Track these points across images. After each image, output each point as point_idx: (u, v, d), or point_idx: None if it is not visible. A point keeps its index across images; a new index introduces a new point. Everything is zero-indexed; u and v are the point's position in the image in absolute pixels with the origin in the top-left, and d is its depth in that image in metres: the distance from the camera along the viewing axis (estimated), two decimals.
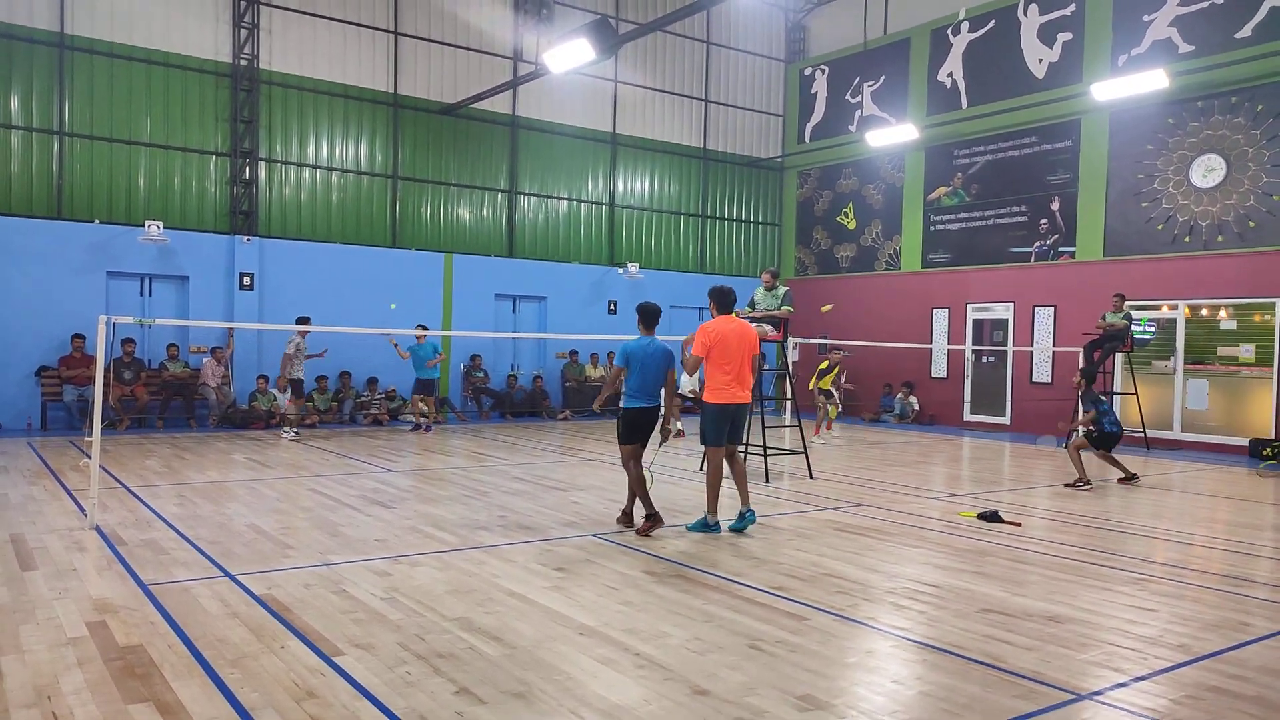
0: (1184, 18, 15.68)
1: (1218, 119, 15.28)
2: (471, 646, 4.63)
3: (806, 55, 22.89)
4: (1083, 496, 10.17)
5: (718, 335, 7.43)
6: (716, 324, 7.50)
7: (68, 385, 14.16)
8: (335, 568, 6.15)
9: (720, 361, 7.43)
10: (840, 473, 11.55)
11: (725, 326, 7.47)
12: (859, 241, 21.39)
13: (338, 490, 9.33)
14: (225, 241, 15.88)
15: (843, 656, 4.66)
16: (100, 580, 5.70)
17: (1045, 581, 6.24)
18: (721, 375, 7.44)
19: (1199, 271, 15.46)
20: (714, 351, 7.42)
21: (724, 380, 7.43)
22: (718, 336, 7.43)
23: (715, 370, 7.45)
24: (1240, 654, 4.82)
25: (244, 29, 16.00)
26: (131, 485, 9.23)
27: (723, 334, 7.43)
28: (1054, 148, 17.61)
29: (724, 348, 7.41)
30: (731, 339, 7.43)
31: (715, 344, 7.42)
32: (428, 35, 18.06)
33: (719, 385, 7.45)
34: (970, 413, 18.92)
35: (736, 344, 7.44)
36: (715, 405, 7.49)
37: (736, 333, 7.47)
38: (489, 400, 18.23)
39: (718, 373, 7.44)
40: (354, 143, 17.42)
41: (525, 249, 19.46)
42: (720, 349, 7.41)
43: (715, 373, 7.45)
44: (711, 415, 7.52)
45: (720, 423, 7.49)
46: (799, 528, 7.94)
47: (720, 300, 7.63)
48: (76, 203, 14.90)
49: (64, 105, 14.75)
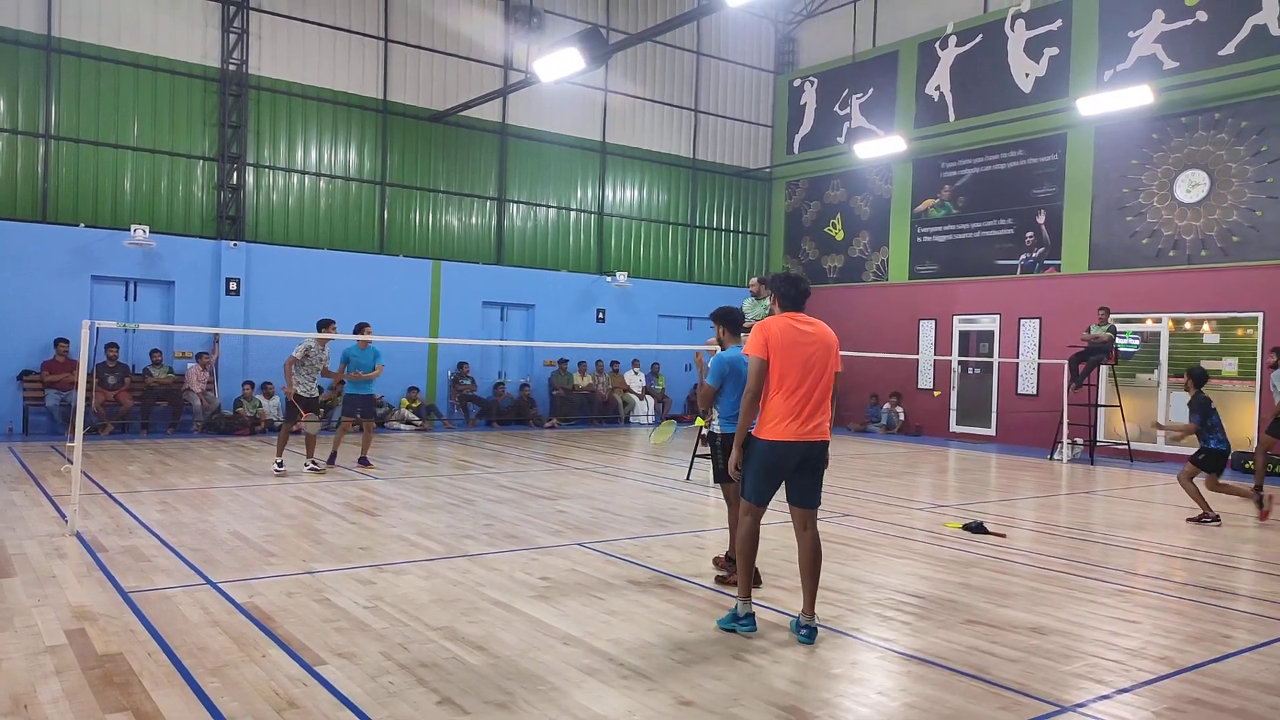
0: (1169, 34, 15.85)
1: (1202, 134, 15.43)
2: (455, 656, 4.60)
3: (796, 67, 23.00)
4: (1065, 508, 10.21)
5: (785, 335, 5.04)
6: (781, 319, 5.13)
7: (50, 390, 14.04)
8: (318, 576, 6.11)
9: (784, 377, 5.01)
10: (826, 483, 11.53)
11: (798, 325, 5.09)
12: (847, 252, 21.47)
13: (322, 497, 9.28)
14: (211, 246, 15.80)
15: (828, 667, 4.66)
16: (80, 587, 5.64)
17: (1030, 593, 6.26)
18: (781, 398, 5.00)
19: (1182, 285, 15.58)
20: (777, 359, 5.03)
21: (786, 406, 4.99)
22: (785, 337, 5.03)
23: (775, 391, 5.03)
24: (1222, 666, 4.85)
25: (233, 33, 15.96)
26: (114, 491, 9.15)
27: (794, 335, 5.04)
28: (1040, 161, 17.74)
29: (796, 356, 5.01)
30: (808, 344, 5.05)
31: (782, 347, 5.02)
32: (418, 42, 18.06)
33: (778, 413, 5.01)
34: (956, 424, 18.99)
35: (815, 352, 5.05)
36: (768, 444, 5.05)
37: (815, 336, 5.09)
38: (476, 408, 18.18)
39: (776, 394, 5.02)
40: (343, 149, 17.39)
41: (514, 257, 19.44)
42: (790, 358, 5.01)
43: (775, 395, 5.03)
44: (759, 458, 5.10)
45: (773, 470, 5.10)
46: (783, 538, 7.92)
47: (785, 291, 5.21)
48: (62, 206, 14.80)
49: (50, 108, 14.67)
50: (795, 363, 5.01)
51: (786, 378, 5.01)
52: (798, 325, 5.10)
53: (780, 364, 5.02)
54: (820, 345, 5.09)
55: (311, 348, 10.94)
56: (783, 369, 5.02)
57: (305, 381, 10.98)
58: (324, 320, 10.99)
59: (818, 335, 5.11)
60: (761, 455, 5.09)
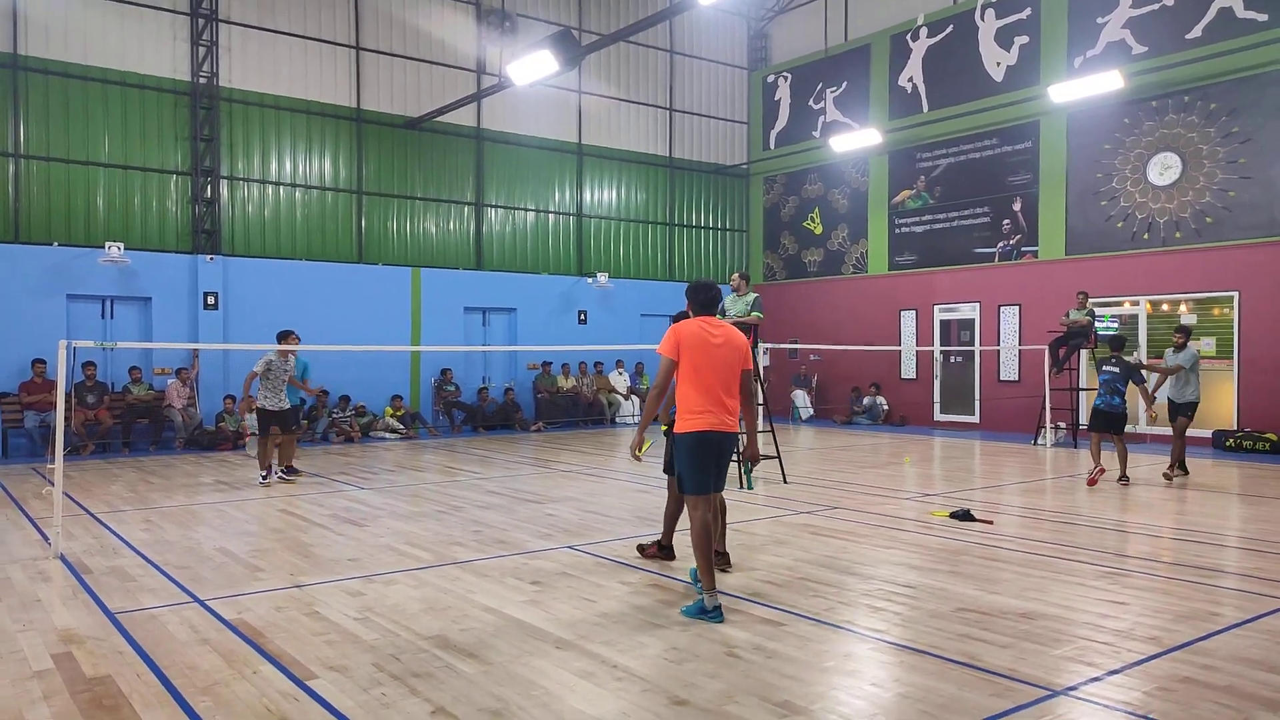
0: (1136, 19, 15.99)
1: (1172, 118, 15.58)
2: (447, 665, 4.58)
3: (769, 63, 23.05)
4: (1050, 492, 10.29)
5: (696, 338, 5.48)
6: (693, 323, 5.58)
7: (29, 411, 13.89)
8: (307, 589, 6.07)
9: (696, 375, 5.46)
10: (814, 476, 11.60)
11: (708, 329, 5.54)
12: (826, 246, 21.54)
13: (309, 510, 9.22)
14: (188, 261, 15.67)
15: (820, 661, 4.67)
16: (66, 610, 5.58)
17: (1018, 578, 6.30)
18: (696, 395, 5.44)
19: (1159, 267, 15.73)
20: (687, 358, 5.47)
21: (701, 401, 5.43)
22: (696, 340, 5.48)
23: (690, 387, 5.47)
24: (1210, 644, 4.90)
25: (203, 46, 15.83)
26: (97, 511, 9.06)
27: (704, 338, 5.49)
28: (1014, 149, 17.87)
29: (707, 357, 5.46)
30: (718, 347, 5.50)
31: (692, 348, 5.47)
32: (390, 49, 17.98)
33: (695, 408, 5.44)
34: (940, 413, 19.09)
35: (724, 354, 5.50)
36: (691, 436, 5.45)
37: (724, 339, 5.54)
38: (461, 414, 18.11)
39: (692, 390, 5.45)
40: (317, 158, 17.29)
41: (493, 261, 19.40)
42: (700, 358, 5.46)
43: (690, 390, 5.46)
44: (688, 450, 5.47)
45: (702, 461, 5.46)
46: (774, 533, 7.95)
47: (696, 298, 5.70)
48: (34, 225, 14.63)
49: (19, 127, 14.50)
50: (706, 362, 5.47)
51: (700, 375, 5.46)
52: (708, 328, 5.56)
53: (692, 363, 5.47)
54: (729, 346, 5.56)
55: (273, 360, 10.77)
56: (695, 367, 5.47)
57: (271, 395, 10.83)
58: (284, 331, 10.98)
59: (727, 338, 5.58)
60: (689, 448, 5.47)
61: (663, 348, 5.57)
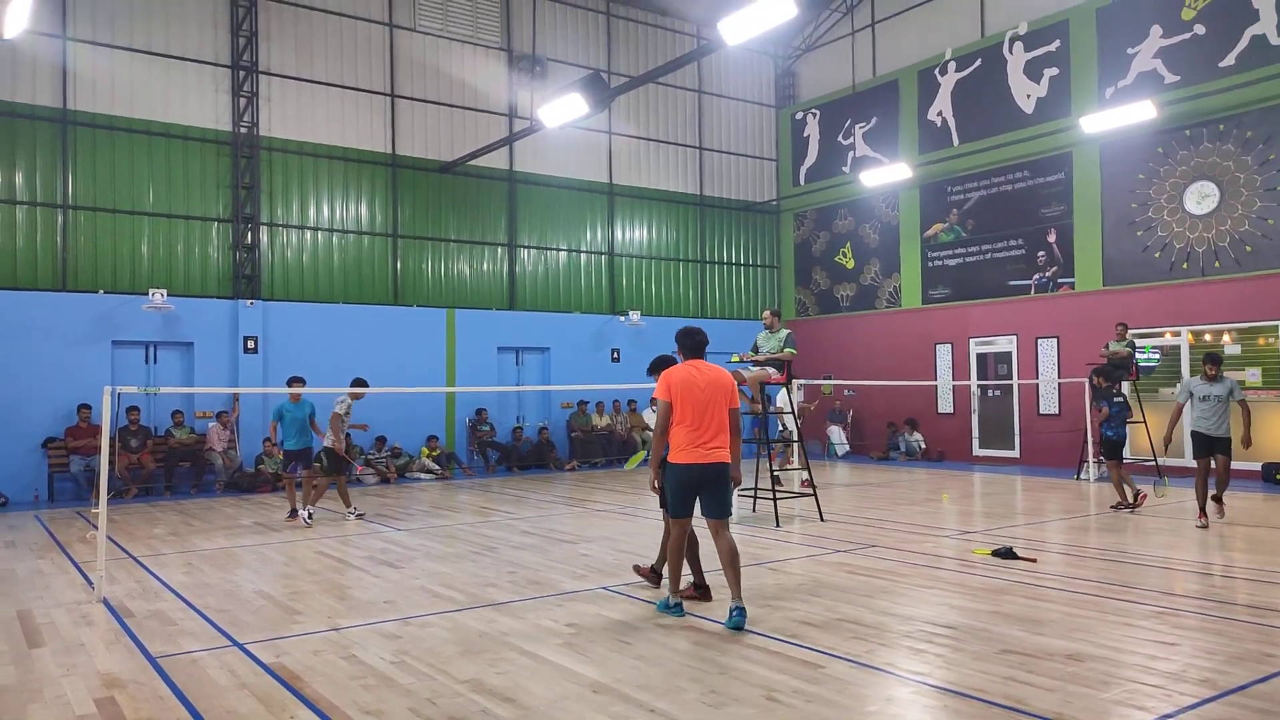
0: (1168, 49, 15.91)
1: (1208, 146, 15.42)
2: (484, 709, 4.56)
3: (797, 100, 23.20)
4: (1095, 529, 10.06)
5: (683, 381, 6.24)
6: (682, 368, 6.36)
7: (74, 456, 14.16)
8: (344, 632, 6.08)
9: (683, 413, 6.19)
10: (851, 514, 11.46)
11: (694, 372, 6.29)
12: (858, 280, 21.47)
13: (345, 551, 9.27)
14: (228, 306, 15.99)
15: (861, 705, 4.58)
16: (108, 654, 5.64)
17: (1064, 618, 6.15)
18: (684, 431, 6.19)
19: (1199, 297, 15.48)
20: (677, 400, 6.21)
21: (686, 437, 6.18)
22: (683, 382, 6.23)
23: (677, 425, 6.22)
24: (1267, 687, 4.73)
25: (243, 97, 16.28)
26: (139, 555, 9.18)
27: (690, 380, 6.23)
28: (1047, 181, 17.76)
29: (691, 397, 6.18)
30: (702, 387, 6.21)
31: (680, 390, 6.21)
32: (424, 96, 18.36)
33: (681, 443, 6.20)
34: (979, 447, 18.81)
35: (708, 394, 6.20)
36: (677, 467, 6.21)
37: (708, 380, 6.26)
38: (495, 454, 18.17)
39: (679, 427, 6.21)
40: (354, 203, 17.62)
41: (526, 301, 19.57)
42: (686, 398, 6.19)
43: (677, 428, 6.22)
44: (673, 478, 6.26)
45: (684, 489, 6.23)
46: (811, 572, 7.85)
47: (684, 343, 6.50)
48: (81, 274, 15.04)
49: (67, 179, 14.97)
50: (691, 402, 6.20)
51: (686, 414, 6.20)
52: (695, 370, 6.30)
53: (680, 403, 6.21)
54: (713, 386, 6.26)
55: (349, 404, 11.61)
56: (682, 407, 6.21)
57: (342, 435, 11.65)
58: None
59: (711, 378, 6.29)
60: (675, 477, 6.27)
61: (658, 393, 6.33)
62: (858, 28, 21.51)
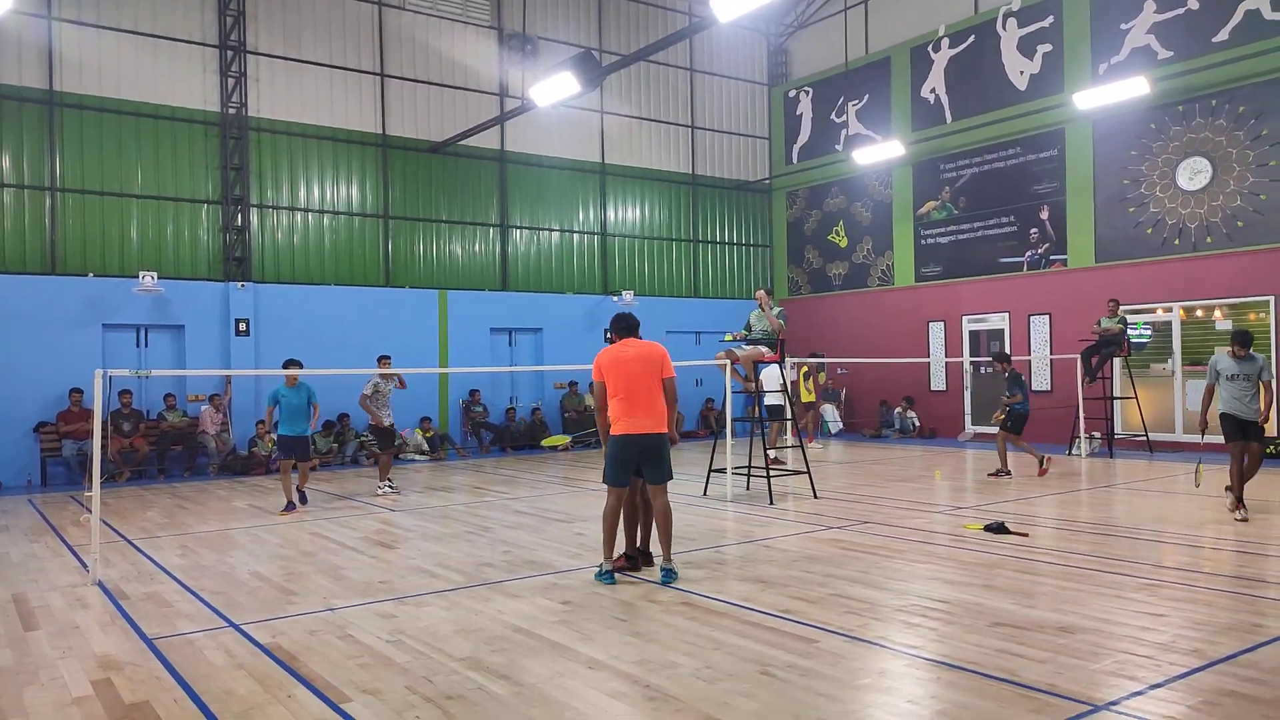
0: (1161, 24, 15.85)
1: (1200, 122, 15.40)
2: (480, 686, 4.58)
3: (789, 78, 23.09)
4: (1086, 503, 10.13)
5: (611, 359, 6.71)
6: (611, 348, 6.82)
7: (66, 440, 14.13)
8: (340, 612, 6.10)
9: (615, 387, 6.65)
10: (844, 491, 11.51)
11: (621, 349, 6.74)
12: (851, 259, 21.46)
13: (340, 533, 9.28)
14: (219, 289, 15.91)
15: (855, 679, 4.62)
16: (104, 637, 5.65)
17: (1055, 591, 6.21)
18: (617, 403, 6.65)
19: (1191, 273, 15.51)
20: (608, 378, 6.69)
21: (619, 409, 6.63)
22: (610, 360, 6.71)
23: (613, 400, 6.68)
24: (1255, 656, 4.79)
25: (232, 78, 16.13)
26: (133, 538, 9.18)
27: (617, 357, 6.69)
28: (1039, 157, 17.73)
29: (619, 372, 6.64)
30: (628, 361, 6.66)
31: (609, 368, 6.68)
32: (414, 75, 18.21)
33: (616, 416, 6.66)
34: (972, 424, 18.88)
35: (635, 367, 6.64)
36: (615, 439, 6.67)
37: (634, 355, 6.69)
38: (489, 434, 18.18)
39: (614, 400, 6.67)
40: (344, 184, 17.52)
41: (519, 282, 19.51)
42: (615, 374, 6.66)
43: (613, 402, 6.68)
44: (612, 449, 6.71)
45: (621, 459, 6.68)
46: (805, 549, 7.89)
47: (615, 326, 6.94)
48: (70, 257, 14.94)
49: (55, 161, 14.84)
50: (621, 375, 6.65)
51: (619, 388, 6.66)
52: (623, 349, 6.74)
53: (611, 380, 6.68)
54: (641, 359, 6.68)
55: (379, 383, 12.02)
56: (614, 384, 6.67)
57: (386, 414, 12.14)
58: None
59: (640, 352, 6.72)
60: (612, 448, 6.71)
61: (593, 375, 6.82)
62: (850, 4, 21.37)
